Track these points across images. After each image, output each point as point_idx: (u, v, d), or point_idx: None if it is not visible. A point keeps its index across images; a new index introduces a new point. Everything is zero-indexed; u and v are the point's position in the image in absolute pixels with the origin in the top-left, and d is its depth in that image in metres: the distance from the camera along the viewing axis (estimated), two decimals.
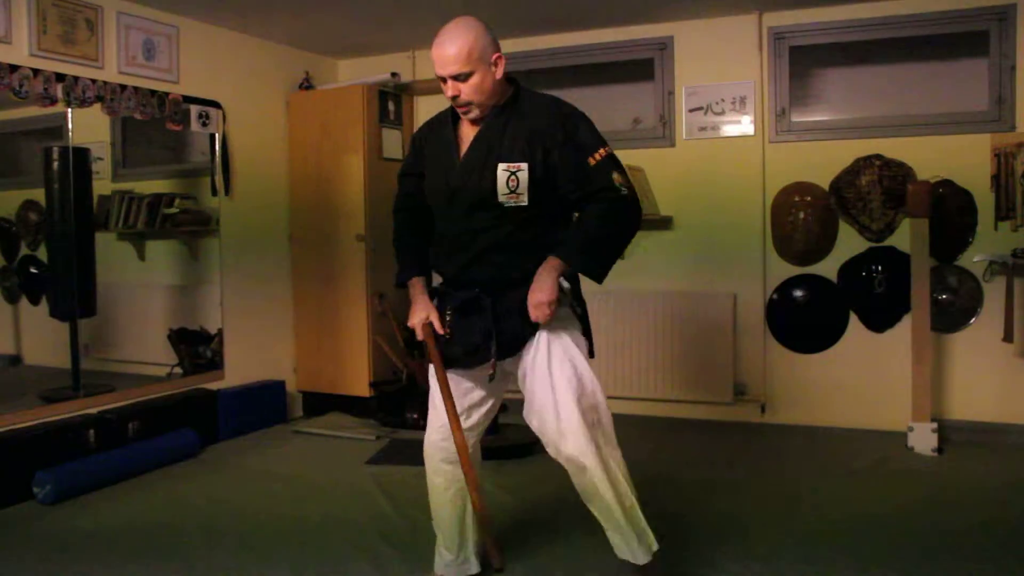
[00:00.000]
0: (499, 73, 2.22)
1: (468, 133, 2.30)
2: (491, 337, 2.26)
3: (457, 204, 2.28)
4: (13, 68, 3.49)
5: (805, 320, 4.45)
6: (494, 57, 2.21)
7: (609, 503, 2.24)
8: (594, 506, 2.29)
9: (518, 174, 2.20)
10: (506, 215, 2.23)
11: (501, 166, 2.21)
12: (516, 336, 2.27)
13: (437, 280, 2.43)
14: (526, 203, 2.21)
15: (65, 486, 3.37)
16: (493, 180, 2.21)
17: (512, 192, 2.20)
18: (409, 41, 4.95)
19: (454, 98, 2.22)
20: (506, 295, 2.26)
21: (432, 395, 2.42)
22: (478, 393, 2.41)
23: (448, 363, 2.32)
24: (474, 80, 2.18)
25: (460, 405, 2.34)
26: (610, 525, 2.29)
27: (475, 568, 2.53)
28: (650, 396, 4.66)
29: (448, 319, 2.33)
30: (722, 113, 4.53)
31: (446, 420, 2.29)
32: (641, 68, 4.75)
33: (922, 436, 3.88)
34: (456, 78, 2.18)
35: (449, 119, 2.36)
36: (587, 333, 2.34)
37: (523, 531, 2.98)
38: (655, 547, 2.30)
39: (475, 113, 2.25)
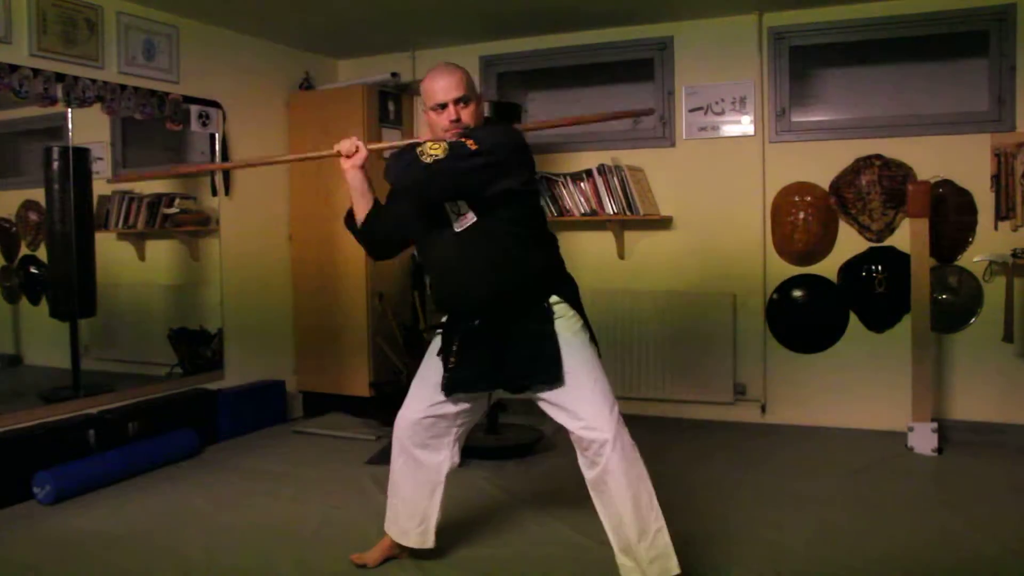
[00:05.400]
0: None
1: None
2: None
3: None
4: (13, 68, 3.49)
5: (805, 320, 4.45)
6: (479, 95, 2.49)
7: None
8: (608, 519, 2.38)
9: None
10: None
11: None
12: None
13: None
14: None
15: (65, 486, 3.37)
16: None
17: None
18: (409, 41, 4.93)
19: (455, 122, 2.36)
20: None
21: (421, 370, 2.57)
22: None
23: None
24: (472, 106, 2.39)
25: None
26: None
27: (431, 543, 2.65)
28: (650, 396, 4.66)
29: None
30: (722, 113, 4.53)
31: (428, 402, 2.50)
32: (641, 68, 4.75)
33: (922, 436, 3.87)
34: (458, 102, 2.36)
35: None
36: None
37: (523, 531, 2.98)
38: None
39: None
